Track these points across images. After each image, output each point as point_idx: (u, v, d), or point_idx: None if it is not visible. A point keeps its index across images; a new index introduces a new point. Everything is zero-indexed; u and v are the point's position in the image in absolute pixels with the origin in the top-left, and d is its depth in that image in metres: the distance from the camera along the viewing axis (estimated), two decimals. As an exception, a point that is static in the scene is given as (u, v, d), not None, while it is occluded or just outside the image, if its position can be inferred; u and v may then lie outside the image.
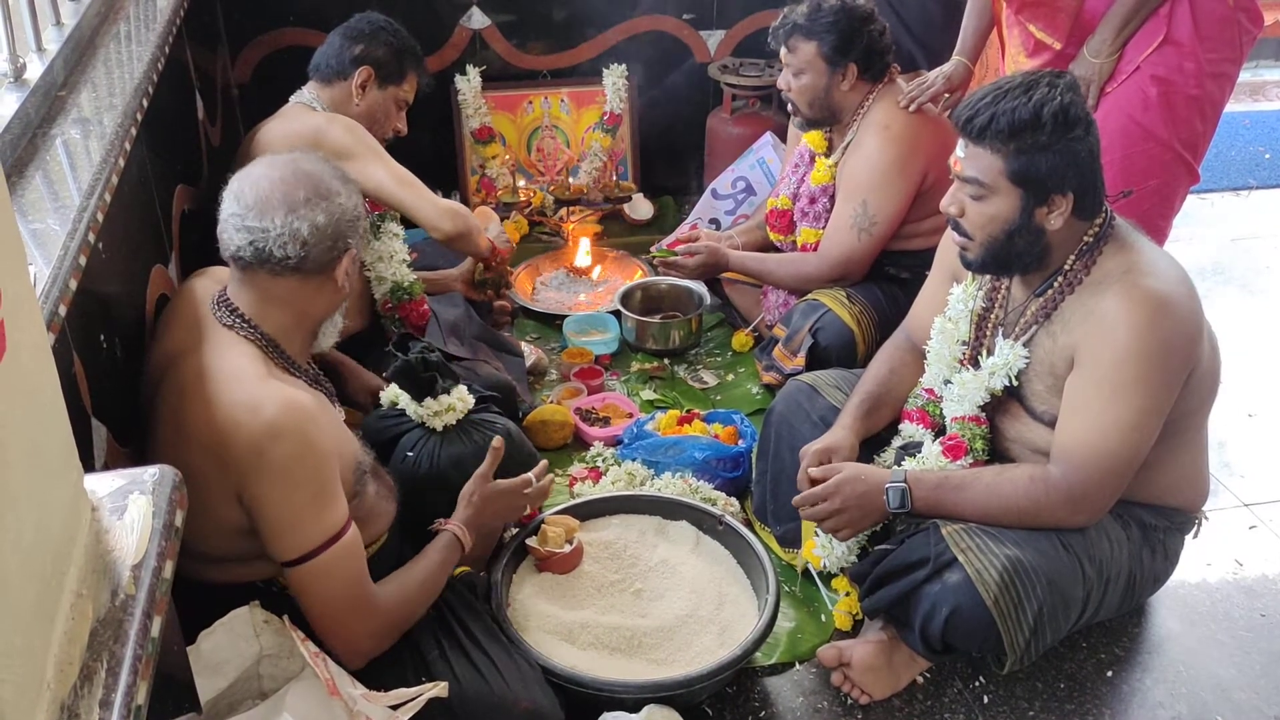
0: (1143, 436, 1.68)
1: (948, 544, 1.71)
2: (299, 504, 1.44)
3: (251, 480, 1.42)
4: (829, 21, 2.46)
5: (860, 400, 2.00)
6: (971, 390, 1.84)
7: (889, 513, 1.78)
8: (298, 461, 1.42)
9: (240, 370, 1.46)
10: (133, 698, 0.76)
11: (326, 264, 1.52)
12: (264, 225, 1.47)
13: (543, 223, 3.48)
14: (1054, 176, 1.67)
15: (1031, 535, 1.71)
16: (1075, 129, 1.66)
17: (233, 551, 1.52)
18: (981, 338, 1.90)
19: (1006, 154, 1.67)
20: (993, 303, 1.89)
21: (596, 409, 2.58)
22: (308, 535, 1.45)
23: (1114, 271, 1.70)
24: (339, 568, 1.48)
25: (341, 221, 1.51)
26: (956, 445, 1.84)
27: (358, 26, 2.40)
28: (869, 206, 2.51)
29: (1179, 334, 1.65)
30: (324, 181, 1.52)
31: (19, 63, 1.66)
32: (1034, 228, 1.71)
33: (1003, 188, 1.69)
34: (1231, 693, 1.88)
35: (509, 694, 1.61)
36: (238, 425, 1.41)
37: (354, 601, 1.51)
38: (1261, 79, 5.04)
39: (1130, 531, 1.82)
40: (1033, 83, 1.68)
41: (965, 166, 1.72)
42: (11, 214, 0.79)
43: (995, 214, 1.71)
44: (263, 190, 1.49)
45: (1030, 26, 2.36)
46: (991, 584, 1.66)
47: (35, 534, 0.77)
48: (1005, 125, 1.65)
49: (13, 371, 0.74)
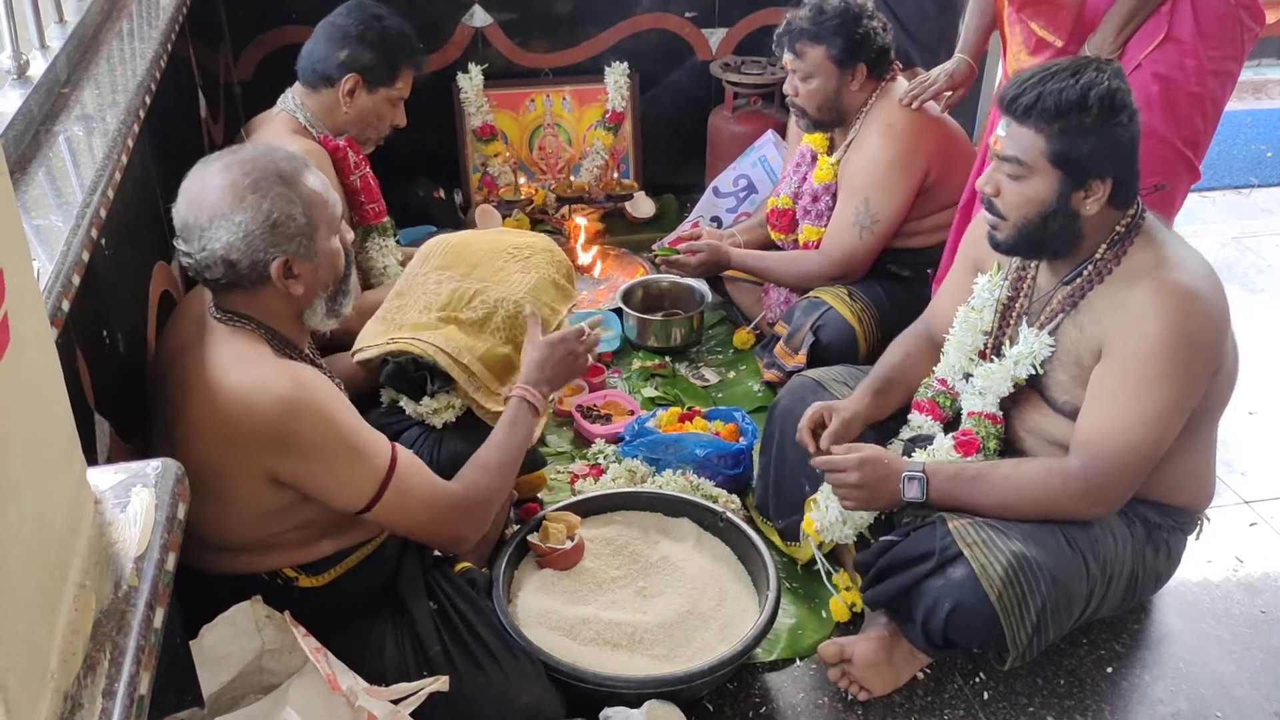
0: (1165, 431, 1.68)
1: (954, 538, 1.70)
2: (341, 466, 1.48)
3: (284, 460, 1.45)
4: (836, 24, 2.45)
5: (872, 379, 2.02)
6: (996, 381, 1.84)
7: (902, 501, 1.79)
8: (323, 429, 1.46)
9: (244, 354, 1.48)
10: (135, 688, 0.77)
11: (258, 276, 1.49)
12: (189, 249, 1.49)
13: (545, 221, 3.49)
14: (1094, 161, 1.66)
15: (1037, 531, 1.71)
16: (1120, 115, 1.66)
17: (251, 538, 1.53)
18: (1005, 327, 1.90)
19: (1050, 134, 1.67)
20: (1018, 292, 1.89)
21: (598, 406, 2.58)
22: (363, 487, 1.50)
23: (1144, 264, 1.70)
24: (407, 495, 1.54)
25: (254, 237, 1.45)
26: (969, 441, 1.84)
27: (343, 25, 2.29)
28: (871, 204, 2.51)
29: (1208, 330, 1.66)
30: (233, 196, 1.45)
31: (22, 60, 1.67)
32: (1069, 211, 1.71)
33: (1042, 168, 1.69)
34: (1231, 689, 1.89)
35: (509, 688, 1.62)
36: (252, 408, 1.42)
37: (436, 510, 1.58)
38: (1263, 77, 5.03)
39: (1134, 529, 1.82)
40: (1080, 66, 1.68)
41: (1006, 145, 1.72)
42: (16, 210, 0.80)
43: (1033, 195, 1.71)
44: (181, 210, 1.49)
45: (1032, 24, 2.36)
46: (996, 579, 1.66)
47: (38, 525, 0.77)
48: (1051, 105, 1.65)
49: (17, 365, 0.75)
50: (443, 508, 1.60)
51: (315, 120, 2.33)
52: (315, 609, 1.58)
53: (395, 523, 1.57)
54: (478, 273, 2.02)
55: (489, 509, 1.67)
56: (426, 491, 1.58)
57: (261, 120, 2.35)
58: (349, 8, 2.36)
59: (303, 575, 1.60)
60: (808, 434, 1.95)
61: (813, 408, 1.95)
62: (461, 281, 1.99)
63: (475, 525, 1.65)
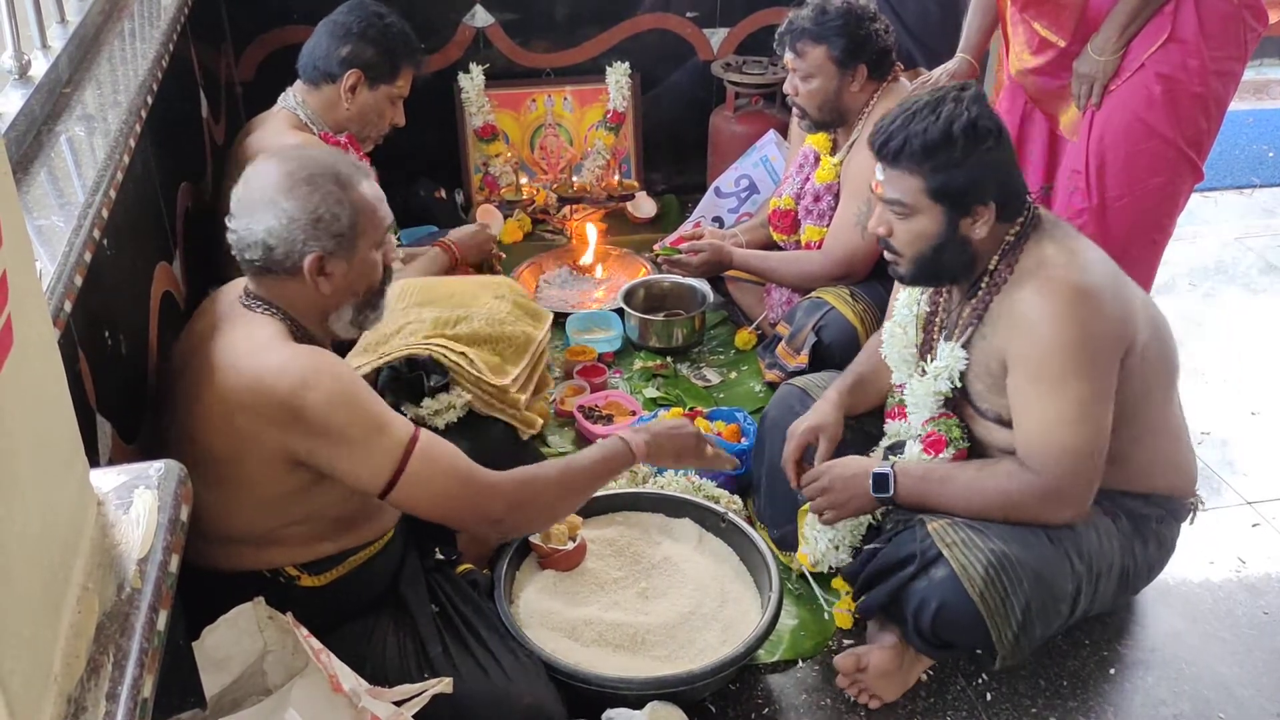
0: (1093, 425, 1.68)
1: (933, 539, 1.71)
2: (359, 441, 1.46)
3: (303, 439, 1.45)
4: (838, 24, 2.45)
5: (846, 377, 2.04)
6: (921, 397, 1.87)
7: (875, 499, 1.80)
8: (339, 403, 1.45)
9: (263, 337, 1.49)
10: (139, 690, 0.77)
11: (291, 266, 1.51)
12: (234, 227, 1.52)
13: (546, 221, 3.48)
14: (973, 189, 1.69)
15: (1017, 529, 1.72)
16: (986, 140, 1.68)
17: (258, 529, 1.54)
18: (930, 341, 1.92)
19: (924, 173, 1.69)
20: (936, 306, 1.91)
21: (599, 407, 2.58)
22: (381, 463, 1.47)
23: (1030, 266, 1.73)
24: (427, 471, 1.49)
25: (296, 226, 1.48)
26: (936, 440, 1.85)
27: (345, 22, 2.31)
28: (873, 205, 2.51)
29: (1100, 318, 1.66)
30: (288, 185, 1.49)
31: (24, 60, 1.67)
32: (960, 239, 1.73)
33: (924, 206, 1.72)
34: (1234, 690, 1.89)
35: (512, 689, 1.61)
36: (270, 387, 1.43)
37: (461, 488, 1.53)
38: (1266, 77, 5.03)
39: (1120, 523, 1.82)
40: (939, 100, 1.70)
41: (886, 189, 1.75)
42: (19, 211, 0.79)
43: (921, 231, 1.74)
44: (242, 192, 1.53)
45: (1035, 24, 2.36)
46: (977, 579, 1.66)
47: (41, 527, 0.77)
48: (919, 146, 1.68)
49: (19, 367, 0.74)
50: (475, 485, 1.54)
51: (316, 117, 2.33)
52: (317, 609, 1.58)
53: (419, 502, 1.51)
54: (454, 300, 2.11)
55: (534, 505, 1.61)
56: (450, 470, 1.53)
57: (262, 119, 2.35)
58: (350, 6, 2.37)
59: (305, 574, 1.59)
60: (793, 466, 1.95)
61: (797, 436, 1.96)
62: (442, 311, 2.08)
63: (511, 511, 1.58)
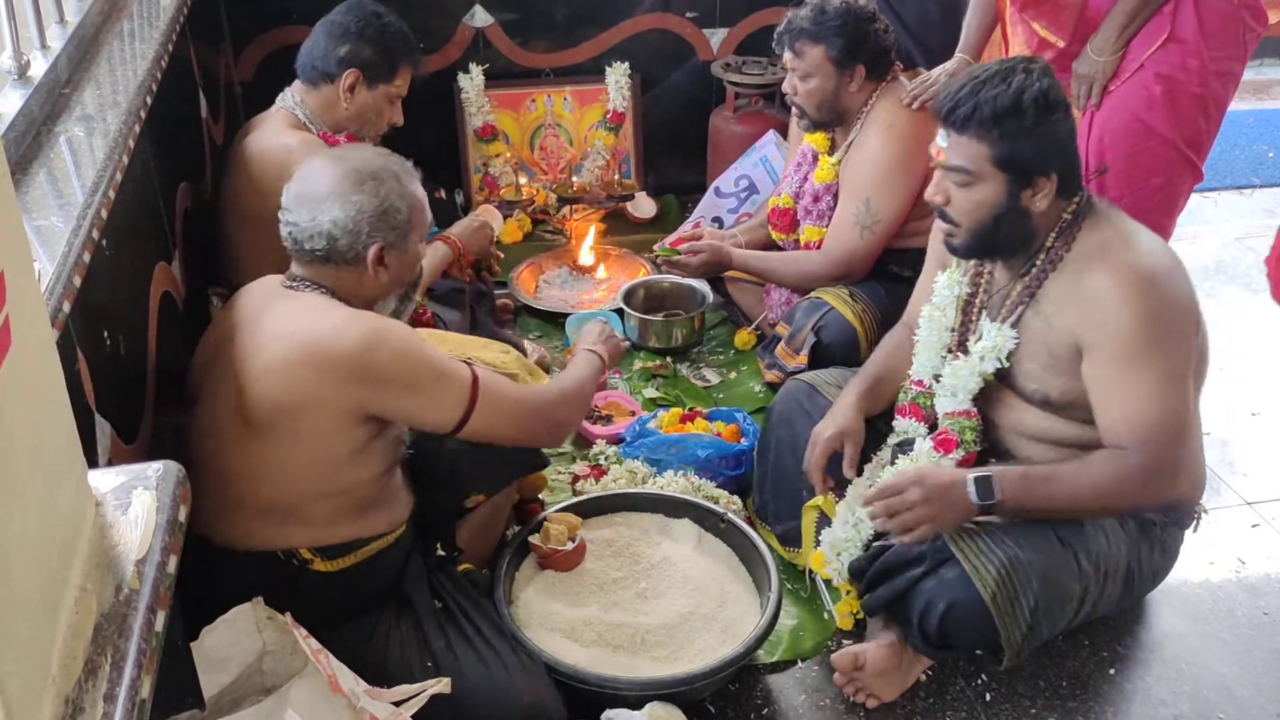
0: (1179, 397, 1.69)
1: (945, 540, 1.71)
2: (428, 388, 1.58)
3: (374, 393, 1.53)
4: (836, 24, 2.45)
5: (863, 379, 2.02)
6: (964, 378, 1.84)
7: (978, 508, 1.71)
8: (403, 357, 1.55)
9: (322, 306, 1.58)
10: (137, 691, 0.77)
11: (354, 256, 1.60)
12: (296, 219, 1.60)
13: (546, 221, 3.48)
14: (1038, 160, 1.69)
15: (1029, 533, 1.72)
16: (1056, 111, 1.69)
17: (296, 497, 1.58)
18: (968, 323, 1.91)
19: (991, 140, 1.69)
20: (977, 287, 1.91)
21: (599, 407, 2.58)
22: (452, 405, 1.59)
23: (1092, 248, 1.73)
24: (498, 401, 1.64)
25: (362, 217, 1.58)
26: (946, 440, 1.85)
27: (343, 22, 2.30)
28: (872, 205, 2.51)
29: (1175, 296, 1.69)
30: (351, 177, 1.59)
31: (23, 60, 1.67)
32: (1020, 210, 1.73)
33: (988, 173, 1.71)
34: (1234, 690, 1.88)
35: (512, 686, 1.62)
36: (330, 350, 1.51)
37: (525, 415, 1.70)
38: (1266, 77, 5.03)
39: (1127, 526, 1.82)
40: (1009, 69, 1.71)
41: (950, 155, 1.74)
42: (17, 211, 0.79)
43: (982, 199, 1.74)
44: (299, 187, 1.61)
45: (1034, 24, 2.35)
46: (989, 580, 1.67)
47: (40, 528, 0.77)
48: (989, 113, 1.67)
49: (18, 367, 0.74)
50: (534, 404, 1.72)
51: (315, 117, 2.33)
52: (324, 596, 1.61)
53: (495, 428, 1.65)
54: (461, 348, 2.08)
55: (573, 410, 1.82)
56: (513, 402, 1.68)
57: (260, 119, 2.35)
58: (349, 6, 2.37)
59: (318, 558, 1.62)
60: (819, 474, 1.92)
61: (823, 443, 1.92)
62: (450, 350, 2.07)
63: (568, 418, 1.81)
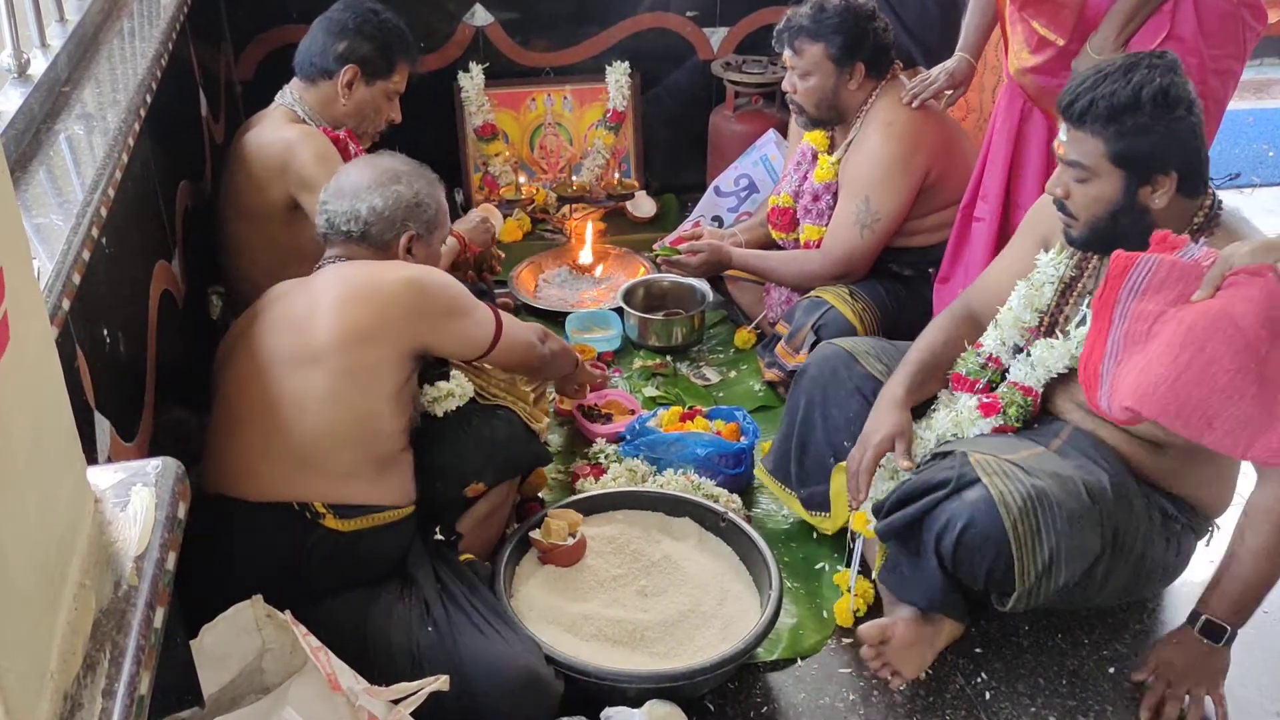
0: None
1: (974, 467, 1.70)
2: (467, 320, 1.81)
3: (428, 325, 1.75)
4: (835, 22, 2.45)
5: (912, 371, 1.98)
6: (1056, 356, 1.84)
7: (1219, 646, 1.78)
8: (447, 286, 1.80)
9: (362, 264, 1.79)
10: (135, 688, 0.77)
11: (385, 242, 1.83)
12: (333, 206, 1.84)
13: (545, 220, 3.48)
14: (1156, 157, 1.68)
15: (1060, 476, 1.70)
16: (1177, 109, 1.67)
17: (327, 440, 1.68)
18: (1063, 305, 1.90)
19: (1107, 136, 1.69)
20: (1081, 271, 1.89)
21: (599, 405, 2.58)
22: (483, 331, 1.84)
23: None
24: (514, 332, 1.92)
25: (398, 207, 1.82)
26: (991, 404, 1.86)
27: (340, 18, 2.32)
28: (872, 203, 2.51)
29: None
30: (389, 173, 1.85)
31: (23, 58, 1.67)
32: (1138, 207, 1.73)
33: (1105, 170, 1.71)
34: (1234, 689, 1.88)
35: (509, 653, 1.65)
36: (392, 288, 1.71)
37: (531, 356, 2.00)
38: (1265, 76, 5.02)
39: (1153, 513, 1.82)
40: (1133, 65, 1.70)
41: (1068, 150, 1.74)
42: (16, 208, 0.79)
43: (1099, 195, 1.74)
44: (339, 183, 1.86)
45: (1034, 23, 2.35)
46: (1014, 506, 1.65)
47: (38, 524, 0.77)
48: (1105, 109, 1.67)
49: (17, 364, 0.74)
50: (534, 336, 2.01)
51: (313, 114, 2.34)
52: (332, 557, 1.67)
53: (513, 354, 1.93)
54: None
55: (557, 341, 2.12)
56: (526, 343, 1.97)
57: (260, 116, 2.36)
58: (347, 3, 2.38)
59: (331, 515, 1.67)
60: (868, 477, 1.90)
61: (874, 448, 1.89)
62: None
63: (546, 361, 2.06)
